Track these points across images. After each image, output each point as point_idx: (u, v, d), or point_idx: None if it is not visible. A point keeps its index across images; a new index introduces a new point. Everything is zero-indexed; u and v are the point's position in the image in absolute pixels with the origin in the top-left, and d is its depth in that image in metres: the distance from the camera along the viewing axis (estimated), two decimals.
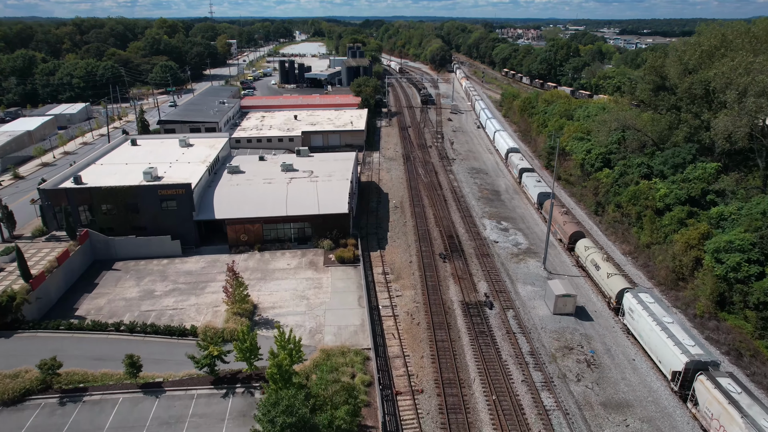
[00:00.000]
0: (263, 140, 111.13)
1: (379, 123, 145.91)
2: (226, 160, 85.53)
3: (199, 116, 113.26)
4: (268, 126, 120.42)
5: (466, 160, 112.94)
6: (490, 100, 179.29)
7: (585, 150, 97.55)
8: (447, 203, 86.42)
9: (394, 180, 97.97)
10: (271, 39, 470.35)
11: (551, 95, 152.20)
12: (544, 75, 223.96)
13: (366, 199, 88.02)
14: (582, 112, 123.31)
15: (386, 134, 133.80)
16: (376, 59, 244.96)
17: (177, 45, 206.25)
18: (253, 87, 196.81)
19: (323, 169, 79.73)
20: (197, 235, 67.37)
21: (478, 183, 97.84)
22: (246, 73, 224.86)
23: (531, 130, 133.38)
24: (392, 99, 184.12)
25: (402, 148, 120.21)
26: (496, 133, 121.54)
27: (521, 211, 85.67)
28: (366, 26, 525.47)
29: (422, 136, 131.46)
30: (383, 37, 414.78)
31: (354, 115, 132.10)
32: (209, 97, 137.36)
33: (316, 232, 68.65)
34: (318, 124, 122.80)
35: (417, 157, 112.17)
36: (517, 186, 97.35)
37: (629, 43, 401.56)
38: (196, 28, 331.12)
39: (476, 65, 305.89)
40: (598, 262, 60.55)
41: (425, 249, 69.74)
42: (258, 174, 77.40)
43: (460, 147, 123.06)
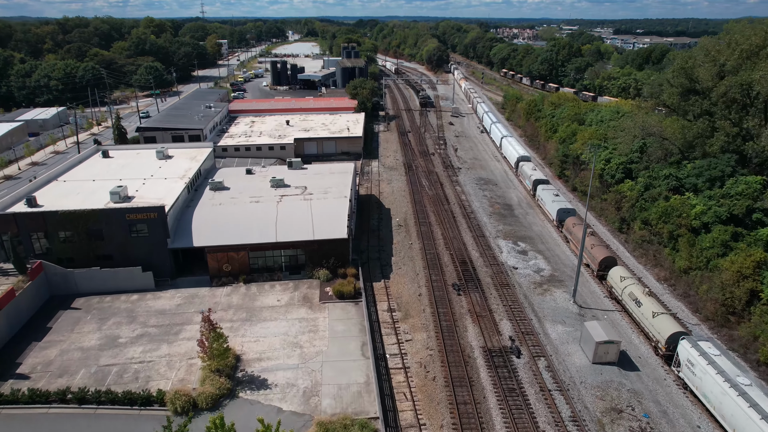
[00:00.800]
0: (252, 148, 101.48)
1: (377, 127, 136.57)
2: (210, 173, 75.91)
3: (183, 122, 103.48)
4: (257, 132, 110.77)
5: (473, 169, 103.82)
6: (491, 102, 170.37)
7: (603, 159, 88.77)
8: (456, 220, 77.25)
9: (395, 193, 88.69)
10: (264, 39, 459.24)
11: (558, 98, 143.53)
12: (545, 76, 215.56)
13: (366, 215, 78.70)
14: (594, 117, 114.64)
15: (385, 140, 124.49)
16: (371, 60, 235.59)
17: (164, 45, 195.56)
18: (243, 89, 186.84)
19: (318, 184, 70.32)
20: (173, 264, 57.80)
21: (488, 196, 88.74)
22: (236, 74, 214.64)
23: (539, 136, 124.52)
24: (389, 101, 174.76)
25: (403, 155, 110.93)
26: (503, 139, 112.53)
27: (538, 228, 76.63)
28: (360, 26, 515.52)
29: (423, 142, 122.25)
30: (377, 37, 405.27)
31: (350, 119, 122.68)
32: (195, 100, 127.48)
33: (311, 259, 59.25)
34: (312, 130, 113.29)
35: (419, 166, 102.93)
36: (530, 199, 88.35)
37: (626, 42, 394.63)
38: (185, 27, 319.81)
39: (473, 65, 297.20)
40: (639, 297, 51.58)
41: (436, 278, 60.54)
42: (244, 191, 67.87)
43: (464, 154, 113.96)
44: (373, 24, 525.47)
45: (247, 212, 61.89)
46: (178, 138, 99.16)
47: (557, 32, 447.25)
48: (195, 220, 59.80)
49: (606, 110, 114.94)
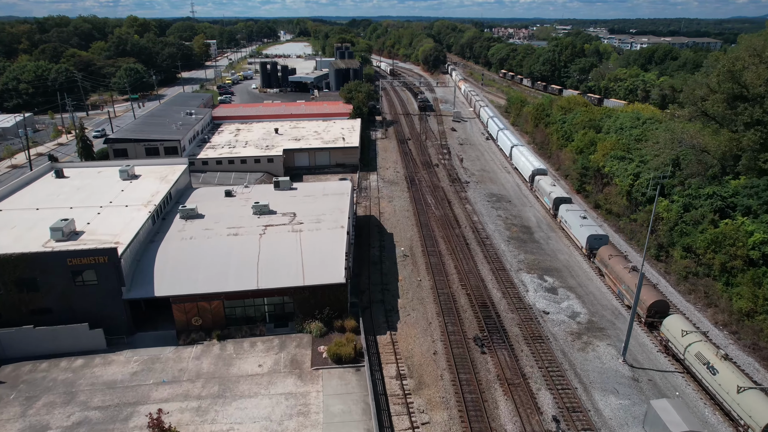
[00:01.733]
0: (236, 161, 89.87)
1: (374, 134, 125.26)
2: (183, 195, 64.29)
3: (159, 132, 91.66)
4: (243, 142, 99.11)
5: (482, 182, 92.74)
6: (492, 105, 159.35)
7: (631, 174, 78.10)
8: (470, 248, 66.14)
9: (398, 213, 77.47)
10: (255, 39, 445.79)
11: (567, 101, 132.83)
12: (547, 77, 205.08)
13: (365, 243, 67.45)
14: (612, 123, 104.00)
15: (383, 149, 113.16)
16: (366, 60, 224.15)
17: (146, 45, 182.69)
18: (231, 92, 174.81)
19: (310, 209, 58.98)
20: (130, 318, 46.29)
21: (502, 216, 77.71)
22: (224, 76, 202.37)
23: (549, 143, 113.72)
24: (386, 105, 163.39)
25: (404, 167, 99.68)
26: (513, 148, 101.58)
27: (564, 258, 65.69)
28: (353, 26, 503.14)
29: (425, 150, 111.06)
30: (371, 37, 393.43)
31: (345, 126, 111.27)
32: (175, 106, 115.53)
33: (301, 309, 47.92)
34: (303, 139, 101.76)
35: (423, 180, 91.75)
36: (550, 219, 77.46)
37: (623, 42, 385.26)
38: (173, 27, 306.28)
39: (470, 66, 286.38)
40: (713, 362, 40.70)
41: (452, 328, 49.43)
42: (222, 219, 56.41)
43: (471, 165, 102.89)
44: (366, 24, 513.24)
45: (223, 249, 50.42)
46: (152, 151, 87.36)
47: (553, 32, 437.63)
48: (159, 260, 48.25)
49: (625, 117, 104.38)
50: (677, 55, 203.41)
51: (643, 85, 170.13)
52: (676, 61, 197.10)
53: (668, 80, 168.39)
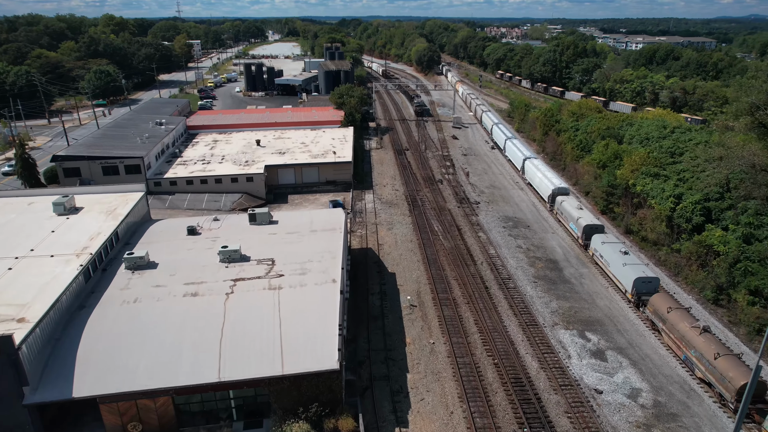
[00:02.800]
0: (209, 181, 76.60)
1: (368, 144, 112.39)
2: (136, 234, 51.06)
3: (120, 147, 78.09)
4: (219, 157, 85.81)
5: (494, 202, 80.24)
6: (493, 109, 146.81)
7: (671, 195, 66.15)
8: (490, 293, 53.62)
9: (400, 244, 64.73)
10: (242, 39, 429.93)
11: (578, 106, 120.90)
12: (547, 78, 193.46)
13: (362, 286, 54.71)
14: (635, 132, 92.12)
15: (379, 161, 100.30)
16: (357, 61, 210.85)
17: (121, 45, 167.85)
18: (212, 96, 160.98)
19: (293, 254, 46.11)
20: (39, 427, 33.15)
21: (523, 247, 65.27)
22: (206, 78, 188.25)
23: (563, 154, 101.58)
24: (380, 109, 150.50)
25: (403, 183, 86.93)
26: (526, 161, 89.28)
27: (605, 303, 53.41)
28: (343, 25, 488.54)
29: (426, 163, 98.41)
30: (362, 37, 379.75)
31: (336, 136, 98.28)
32: (145, 114, 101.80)
33: (280, 402, 35.01)
34: (288, 152, 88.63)
35: (426, 200, 79.10)
36: (578, 250, 65.20)
37: (618, 42, 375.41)
38: (155, 27, 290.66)
39: (465, 66, 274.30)
40: None
41: (482, 421, 36.85)
42: (180, 269, 43.40)
43: (479, 180, 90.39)
44: (356, 23, 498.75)
45: (176, 319, 37.39)
46: (110, 170, 73.86)
47: (546, 31, 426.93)
48: (86, 340, 35.10)
49: (649, 125, 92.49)
50: (679, 54, 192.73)
51: (652, 86, 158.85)
52: (678, 61, 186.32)
53: (678, 82, 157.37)
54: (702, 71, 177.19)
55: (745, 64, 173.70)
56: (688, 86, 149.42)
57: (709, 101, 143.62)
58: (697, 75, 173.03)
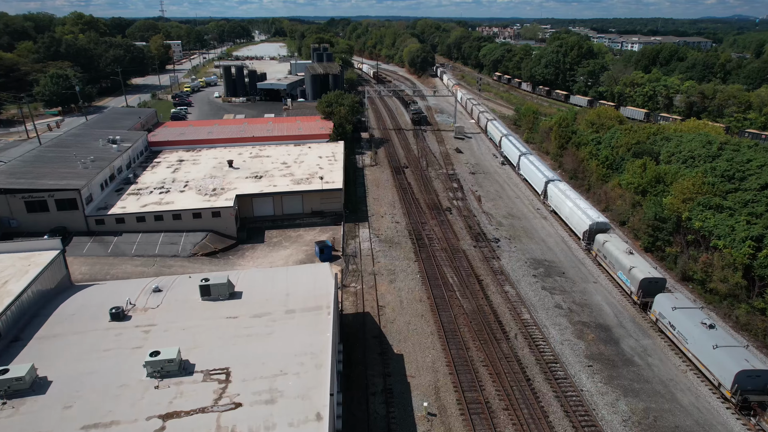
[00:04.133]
0: (165, 217, 60.72)
1: (361, 159, 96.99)
2: (33, 320, 35.30)
3: (53, 174, 61.85)
4: (182, 182, 69.97)
5: (516, 238, 65.21)
6: (496, 115, 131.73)
7: (748, 237, 51.80)
8: (534, 389, 38.63)
9: (406, 306, 49.53)
10: (227, 40, 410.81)
11: (596, 115, 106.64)
12: (550, 81, 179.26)
13: (357, 381, 39.39)
14: (674, 149, 77.92)
15: (374, 182, 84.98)
16: (347, 63, 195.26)
17: (86, 46, 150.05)
18: (188, 102, 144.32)
19: (257, 360, 30.77)
20: None
21: (563, 306, 50.37)
22: (183, 83, 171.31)
23: (585, 172, 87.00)
24: (373, 117, 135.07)
25: (404, 213, 71.64)
26: (549, 185, 74.54)
27: (691, 402, 38.65)
28: (332, 25, 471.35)
29: (429, 184, 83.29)
30: (351, 37, 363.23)
31: (324, 154, 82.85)
32: (98, 129, 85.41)
33: None
34: (266, 175, 73.00)
35: (434, 237, 63.95)
36: (633, 307, 50.51)
37: (614, 42, 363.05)
38: (133, 27, 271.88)
39: (459, 68, 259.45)
40: None
41: None
42: (79, 397, 27.95)
43: (493, 207, 75.44)
44: (345, 23, 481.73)
45: None
46: (36, 205, 57.71)
47: (539, 31, 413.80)
48: None
49: (691, 140, 78.15)
50: (684, 55, 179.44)
51: (666, 90, 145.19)
52: (683, 62, 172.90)
53: (695, 85, 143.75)
54: (709, 73, 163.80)
55: (755, 66, 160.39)
56: (707, 90, 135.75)
57: (731, 107, 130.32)
58: (703, 77, 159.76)
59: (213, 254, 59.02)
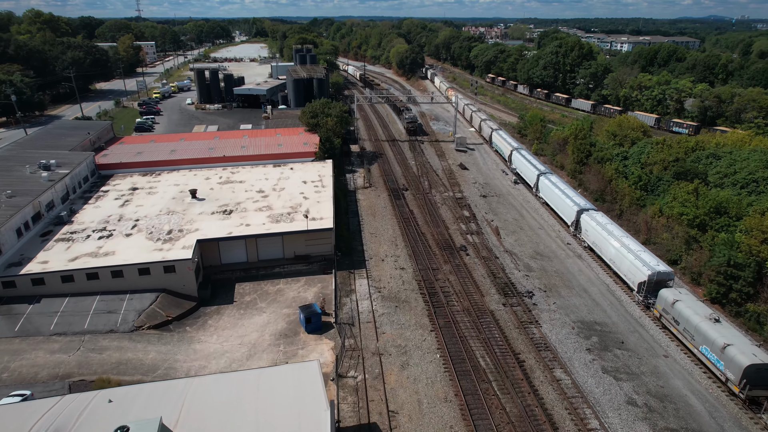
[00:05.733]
0: (102, 275, 45.57)
1: (352, 180, 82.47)
2: None
3: None
4: (130, 221, 54.75)
5: (553, 290, 51.33)
6: (495, 121, 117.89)
7: None
8: None
9: (426, 410, 35.27)
10: (206, 40, 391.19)
11: (617, 125, 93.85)
12: (549, 83, 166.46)
13: None
14: (725, 168, 64.91)
15: (369, 210, 70.53)
16: (332, 65, 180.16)
17: (39, 47, 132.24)
18: (157, 110, 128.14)
19: None
20: None
21: (637, 402, 36.48)
22: (153, 88, 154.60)
23: (614, 194, 73.62)
24: (362, 126, 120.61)
25: (410, 255, 57.27)
26: (584, 215, 60.91)
27: None
28: (315, 25, 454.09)
29: (435, 212, 69.14)
30: (335, 37, 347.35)
31: (309, 178, 68.19)
32: (31, 150, 69.38)
33: None
34: (238, 209, 58.08)
35: (451, 290, 49.80)
36: (731, 402, 36.97)
37: (602, 41, 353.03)
38: (103, 27, 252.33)
39: (449, 69, 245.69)
40: None
41: None
42: None
43: (516, 243, 61.54)
44: (329, 23, 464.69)
45: None
46: None
47: (527, 31, 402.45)
48: None
49: (746, 157, 65.20)
50: (683, 55, 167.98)
51: (677, 94, 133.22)
52: (683, 62, 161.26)
53: (708, 88, 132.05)
54: (710, 74, 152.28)
55: (760, 66, 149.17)
56: (724, 93, 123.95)
57: (751, 111, 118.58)
58: (704, 78, 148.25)
59: (165, 325, 44.10)
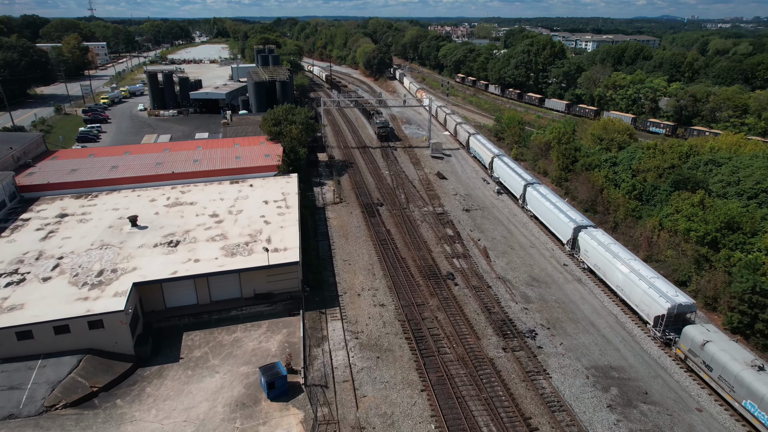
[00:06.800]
0: (2, 338, 35.65)
1: (320, 194, 73.76)
2: None
3: None
4: (51, 259, 44.72)
5: (557, 326, 44.02)
6: (471, 123, 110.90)
7: None
8: None
9: None
10: (163, 41, 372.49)
11: (602, 128, 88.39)
12: (521, 83, 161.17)
13: None
14: (728, 176, 59.45)
15: (341, 231, 62.04)
16: (296, 66, 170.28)
17: None
18: (103, 117, 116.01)
19: None
20: None
21: None
22: (101, 92, 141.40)
23: (607, 204, 67.42)
24: (330, 132, 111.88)
25: (390, 288, 49.07)
26: (582, 233, 54.11)
27: None
28: (278, 25, 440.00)
29: (415, 231, 61.22)
30: (299, 37, 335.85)
31: (271, 197, 59.17)
32: None
33: None
34: (186, 239, 48.70)
35: (442, 334, 41.91)
36: None
37: (567, 40, 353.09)
38: (49, 26, 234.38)
39: (417, 69, 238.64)
40: None
41: None
42: None
43: (508, 266, 54.21)
44: (293, 23, 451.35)
45: None
46: None
47: (493, 30, 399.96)
48: None
49: (749, 164, 59.88)
50: (650, 54, 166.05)
51: (652, 93, 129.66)
52: (650, 61, 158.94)
53: (683, 87, 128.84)
54: (677, 72, 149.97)
55: (725, 64, 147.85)
56: (699, 93, 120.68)
57: (726, 111, 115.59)
58: (671, 76, 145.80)
59: (88, 399, 34.65)
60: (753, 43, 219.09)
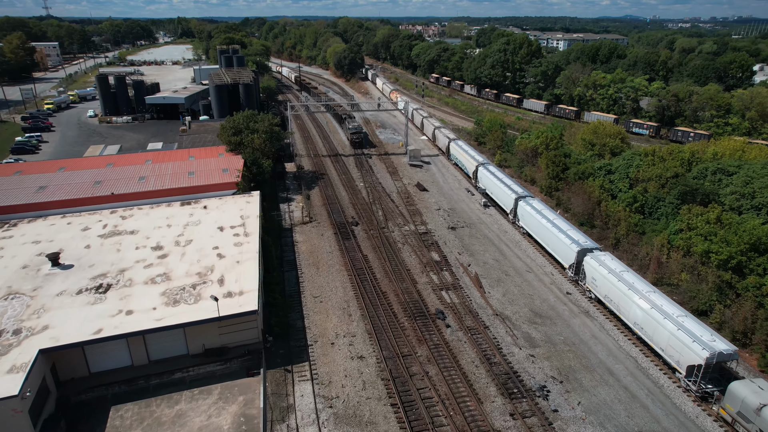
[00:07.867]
0: None
1: (288, 211, 64.95)
2: None
3: None
4: None
5: (572, 380, 36.56)
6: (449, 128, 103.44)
7: None
8: None
9: None
10: (124, 41, 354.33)
11: (592, 132, 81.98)
12: (498, 83, 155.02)
13: None
14: (741, 187, 53.23)
15: (311, 258, 53.44)
16: (263, 67, 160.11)
17: None
18: (46, 125, 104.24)
19: None
20: None
21: None
22: (46, 96, 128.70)
23: (607, 218, 60.69)
24: (299, 138, 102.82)
25: (369, 333, 40.87)
26: (588, 258, 46.97)
27: None
28: (246, 25, 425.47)
29: (396, 256, 53.14)
30: (267, 37, 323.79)
31: (228, 222, 50.12)
32: None
33: None
34: (119, 282, 39.37)
35: (435, 396, 33.99)
36: None
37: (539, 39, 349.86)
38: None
39: (390, 69, 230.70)
40: None
41: None
42: None
43: (505, 298, 46.64)
44: (261, 23, 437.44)
45: None
46: None
47: (465, 29, 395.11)
48: None
49: (760, 172, 53.89)
50: (624, 52, 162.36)
51: (633, 93, 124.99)
52: (624, 59, 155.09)
53: (665, 86, 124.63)
54: (651, 70, 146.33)
55: (698, 63, 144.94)
56: (682, 92, 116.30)
57: (709, 110, 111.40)
58: (647, 75, 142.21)
59: None
60: (717, 42, 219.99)
